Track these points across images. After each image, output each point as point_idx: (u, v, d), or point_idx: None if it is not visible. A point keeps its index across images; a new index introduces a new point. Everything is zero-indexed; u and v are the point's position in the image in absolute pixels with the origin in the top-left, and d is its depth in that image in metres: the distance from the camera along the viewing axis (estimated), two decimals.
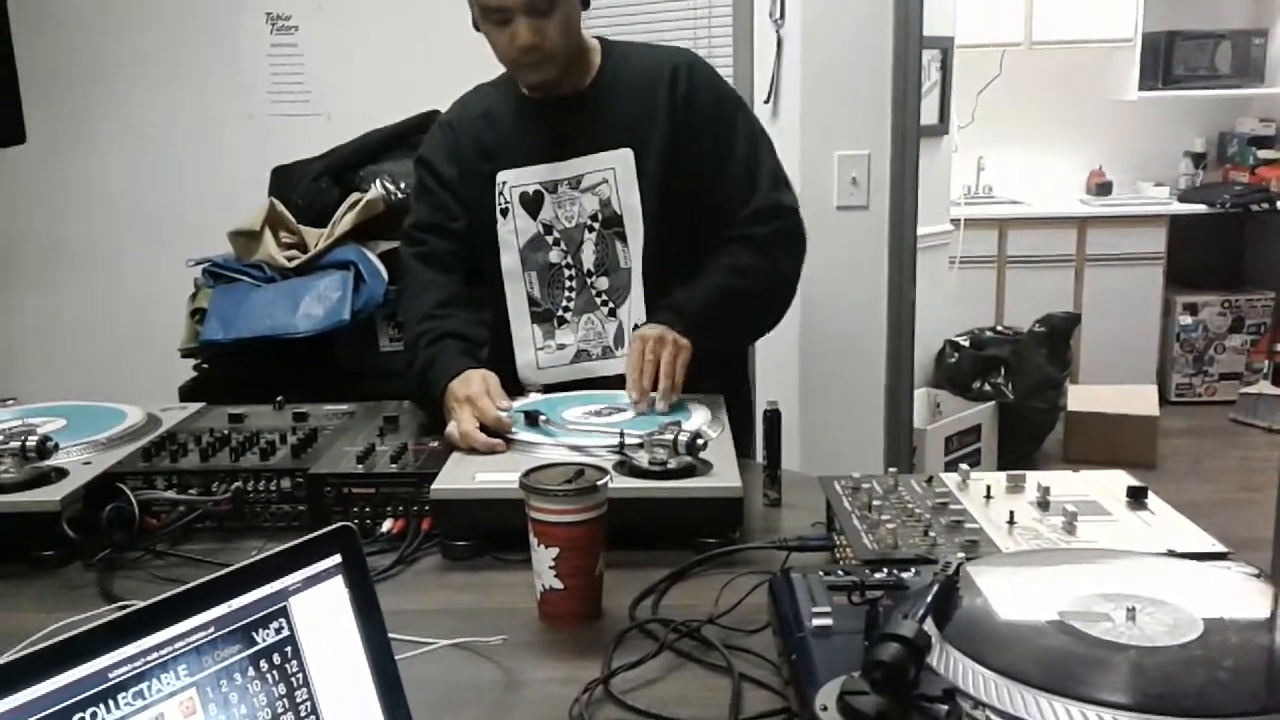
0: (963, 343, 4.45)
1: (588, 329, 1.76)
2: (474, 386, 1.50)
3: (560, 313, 1.77)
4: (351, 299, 2.45)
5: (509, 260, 1.76)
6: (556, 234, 1.75)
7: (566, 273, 1.76)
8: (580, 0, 1.66)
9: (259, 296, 2.50)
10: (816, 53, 2.85)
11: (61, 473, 1.39)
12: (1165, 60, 5.25)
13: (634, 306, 1.74)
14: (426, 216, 1.79)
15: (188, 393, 2.51)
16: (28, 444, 1.35)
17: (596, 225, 1.74)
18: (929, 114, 3.80)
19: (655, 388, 1.55)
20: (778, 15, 2.86)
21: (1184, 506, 1.20)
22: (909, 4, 2.82)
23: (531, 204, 1.74)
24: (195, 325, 2.57)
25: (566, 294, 1.76)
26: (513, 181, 1.74)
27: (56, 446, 1.40)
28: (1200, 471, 4.47)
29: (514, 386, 1.70)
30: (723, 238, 1.72)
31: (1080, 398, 4.62)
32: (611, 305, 1.76)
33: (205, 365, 2.63)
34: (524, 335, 1.78)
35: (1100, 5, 5.12)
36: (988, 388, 4.31)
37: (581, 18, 1.69)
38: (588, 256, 1.75)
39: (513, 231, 1.75)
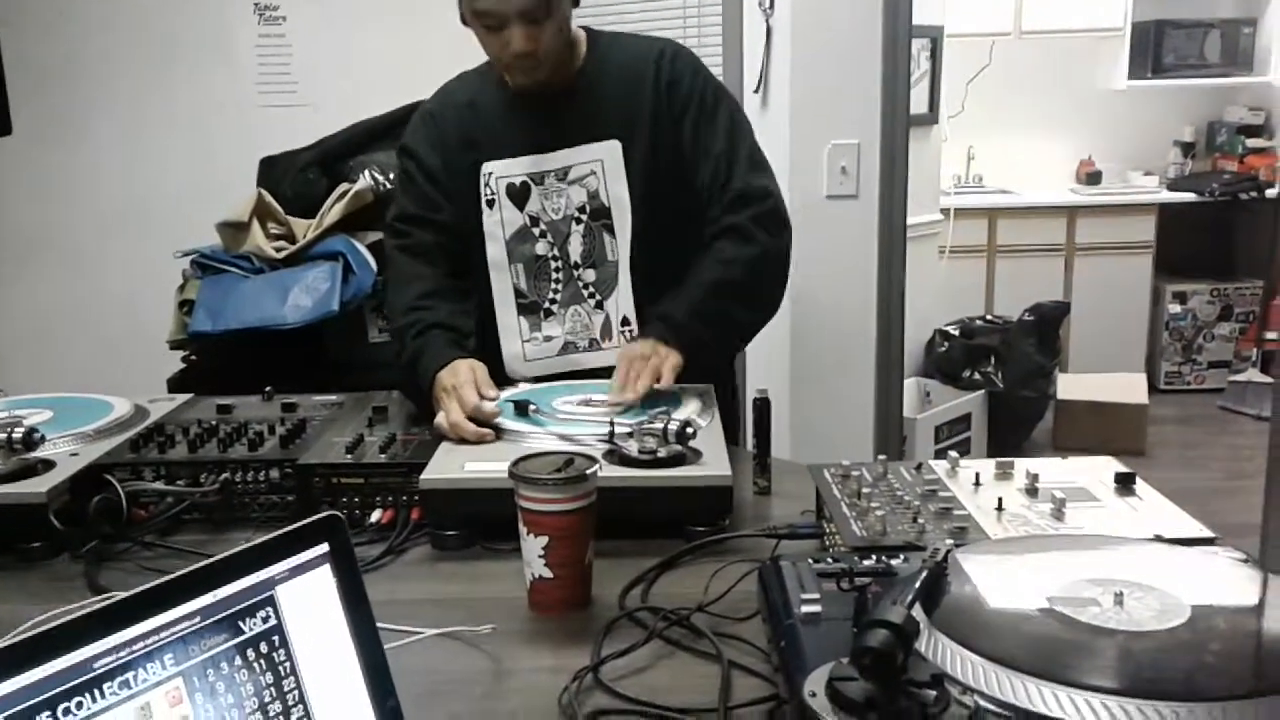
0: (953, 332, 4.46)
1: (575, 321, 1.76)
2: (461, 376, 1.50)
3: (547, 304, 1.76)
4: (340, 290, 2.44)
5: (495, 252, 1.75)
6: (543, 226, 1.74)
7: (553, 264, 1.75)
8: (571, 0, 1.64)
9: (247, 287, 2.49)
10: (806, 42, 2.84)
11: (48, 464, 1.38)
12: (1155, 49, 5.26)
13: (621, 299, 1.73)
14: (410, 208, 1.77)
15: (176, 384, 2.50)
16: (14, 435, 1.35)
17: (584, 217, 1.73)
18: (919, 103, 3.80)
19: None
20: (767, 5, 2.85)
21: (1173, 494, 1.20)
22: None
23: (518, 195, 1.73)
24: (183, 317, 2.56)
25: (553, 286, 1.75)
26: (499, 173, 1.73)
27: (43, 438, 1.39)
28: (1189, 459, 4.48)
29: (501, 378, 1.69)
30: (707, 234, 1.70)
31: (1070, 386, 4.63)
32: (599, 297, 1.75)
33: (194, 357, 2.61)
34: (510, 327, 1.77)
35: None
36: (977, 377, 4.32)
37: (572, 15, 1.67)
38: (575, 248, 1.74)
39: (499, 223, 1.74)
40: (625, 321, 1.72)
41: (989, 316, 4.74)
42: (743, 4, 2.92)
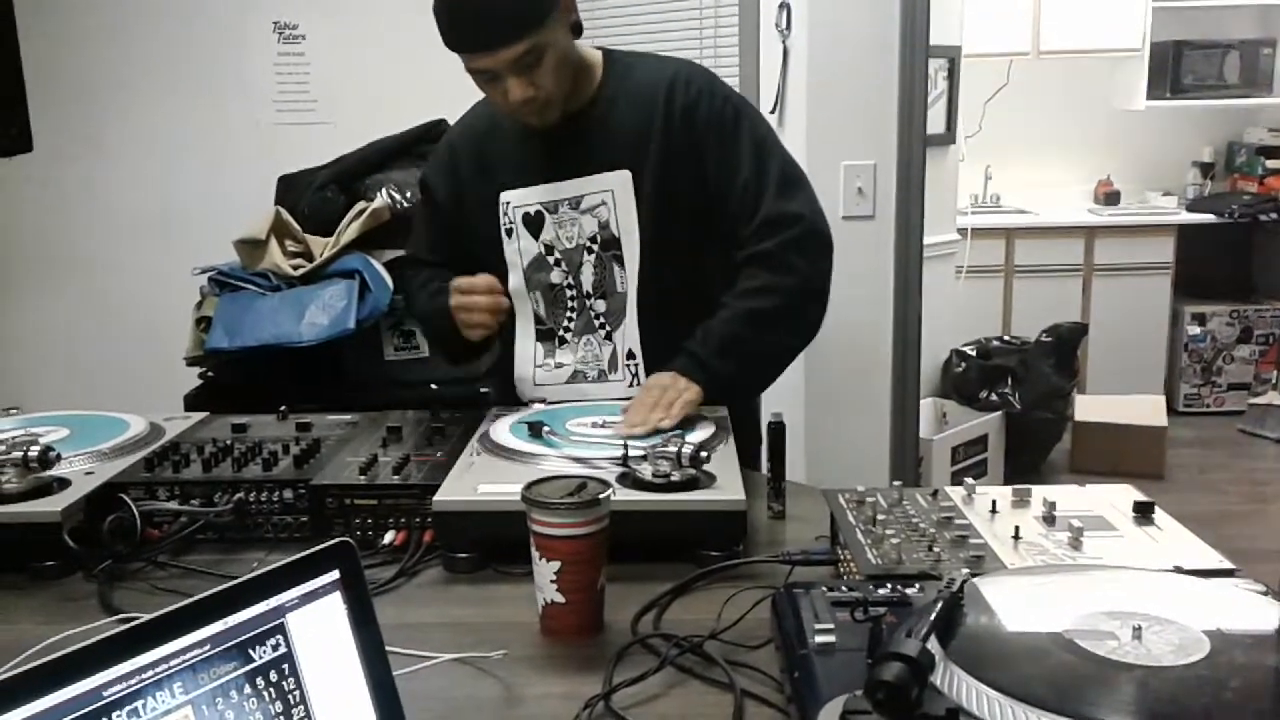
0: (970, 352, 4.44)
1: (586, 350, 1.75)
2: (469, 277, 1.65)
3: (561, 332, 1.76)
4: (356, 308, 2.44)
5: (515, 279, 1.75)
6: (558, 254, 1.73)
7: (568, 293, 1.75)
8: (570, 31, 1.61)
9: (264, 305, 2.50)
10: (822, 63, 2.85)
11: (63, 483, 1.39)
12: (1173, 70, 5.24)
13: (629, 331, 1.72)
14: (424, 252, 1.88)
15: (193, 401, 2.51)
16: (30, 454, 1.35)
17: (595, 247, 1.71)
18: (935, 123, 3.79)
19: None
20: (784, 26, 2.86)
21: (1191, 517, 1.19)
22: (915, 13, 2.82)
23: (533, 224, 1.72)
24: (200, 334, 2.57)
25: (568, 314, 1.75)
26: (515, 202, 1.72)
27: (59, 456, 1.40)
28: (1208, 482, 4.44)
29: (515, 399, 1.70)
30: (736, 261, 1.68)
31: (1088, 408, 4.60)
32: (608, 328, 1.74)
33: (210, 374, 2.62)
34: (526, 351, 1.77)
35: (1108, 15, 5.11)
36: (995, 398, 4.29)
37: (574, 44, 1.64)
38: (587, 278, 1.73)
39: (517, 252, 1.74)
40: (630, 355, 1.72)
41: (1006, 337, 4.72)
42: (759, 25, 2.92)
